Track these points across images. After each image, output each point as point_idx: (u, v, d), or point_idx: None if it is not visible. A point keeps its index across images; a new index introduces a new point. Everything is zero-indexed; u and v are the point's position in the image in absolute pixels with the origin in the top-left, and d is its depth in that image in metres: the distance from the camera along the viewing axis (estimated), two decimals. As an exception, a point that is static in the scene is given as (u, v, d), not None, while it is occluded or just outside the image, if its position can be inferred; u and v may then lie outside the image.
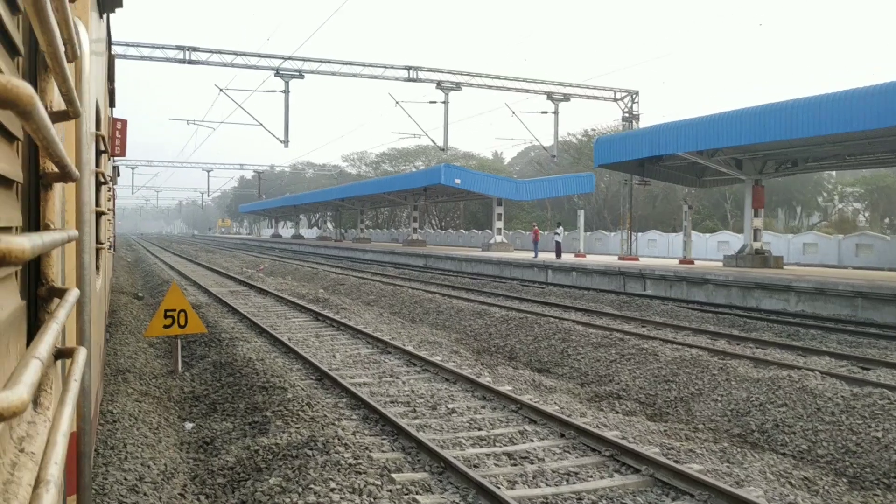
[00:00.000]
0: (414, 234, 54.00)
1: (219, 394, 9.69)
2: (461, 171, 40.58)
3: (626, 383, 11.57)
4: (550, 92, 33.05)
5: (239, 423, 8.10)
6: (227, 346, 12.27)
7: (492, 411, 8.26)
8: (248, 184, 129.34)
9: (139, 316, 17.60)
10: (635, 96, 33.16)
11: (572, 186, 41.96)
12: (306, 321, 16.22)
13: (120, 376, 10.57)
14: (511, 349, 14.92)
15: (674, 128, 24.31)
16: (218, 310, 17.67)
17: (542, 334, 14.96)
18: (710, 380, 10.74)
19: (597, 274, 27.08)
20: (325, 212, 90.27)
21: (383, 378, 9.97)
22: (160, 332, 10.80)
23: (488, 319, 17.15)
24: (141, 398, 9.57)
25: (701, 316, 17.99)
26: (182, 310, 10.84)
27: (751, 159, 25.82)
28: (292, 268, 36.11)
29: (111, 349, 12.49)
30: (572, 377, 12.65)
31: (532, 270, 31.17)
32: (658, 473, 6.05)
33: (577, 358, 13.34)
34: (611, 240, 46.76)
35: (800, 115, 20.05)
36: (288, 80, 29.65)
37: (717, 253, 37.86)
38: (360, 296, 23.84)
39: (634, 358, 12.43)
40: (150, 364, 11.80)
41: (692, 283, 22.74)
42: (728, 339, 14.15)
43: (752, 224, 26.35)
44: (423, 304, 20.15)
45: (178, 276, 29.16)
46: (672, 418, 10.02)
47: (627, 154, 26.20)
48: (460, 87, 31.69)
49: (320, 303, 19.76)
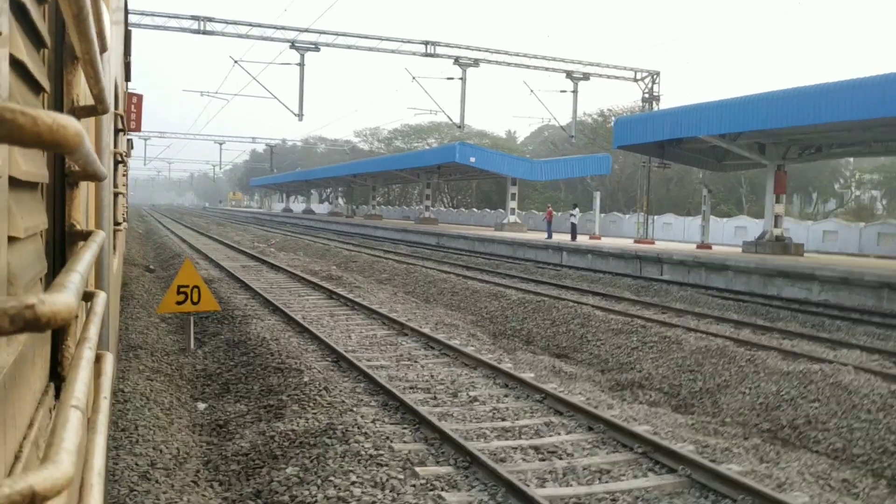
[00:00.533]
0: (426, 211, 53.60)
1: (232, 373, 9.43)
2: (476, 149, 40.10)
3: (649, 372, 11.25)
4: (570, 71, 32.42)
5: (253, 405, 7.83)
6: (241, 324, 12.01)
7: (515, 400, 7.95)
8: (260, 157, 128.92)
9: (150, 289, 17.38)
10: (656, 77, 32.51)
11: (588, 167, 41.45)
12: (320, 299, 15.94)
13: (132, 352, 10.33)
14: (528, 333, 14.61)
15: (697, 110, 23.76)
16: (230, 285, 17.42)
17: (561, 318, 14.64)
18: (738, 371, 10.40)
19: (613, 257, 26.66)
20: (337, 187, 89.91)
21: (401, 361, 9.68)
22: (173, 308, 10.53)
23: (504, 302, 16.83)
24: (153, 375, 9.32)
25: (722, 303, 17.61)
26: (195, 286, 10.56)
27: (774, 144, 25.25)
28: (304, 243, 35.86)
29: (122, 324, 12.26)
30: (592, 364, 12.34)
31: (546, 252, 30.79)
32: (695, 474, 5.73)
33: (596, 344, 13.02)
34: (625, 222, 46.27)
35: (832, 99, 19.48)
36: (303, 52, 29.15)
37: (735, 238, 37.35)
38: (373, 273, 23.55)
39: (657, 346, 12.09)
40: (161, 340, 11.56)
41: (711, 269, 22.32)
42: (752, 328, 13.78)
43: (773, 210, 25.84)
44: (438, 284, 19.84)
45: (189, 250, 28.97)
46: (698, 410, 9.70)
47: (648, 135, 25.67)
48: (478, 64, 31.12)
49: (333, 280, 19.49)
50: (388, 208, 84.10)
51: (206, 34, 27.57)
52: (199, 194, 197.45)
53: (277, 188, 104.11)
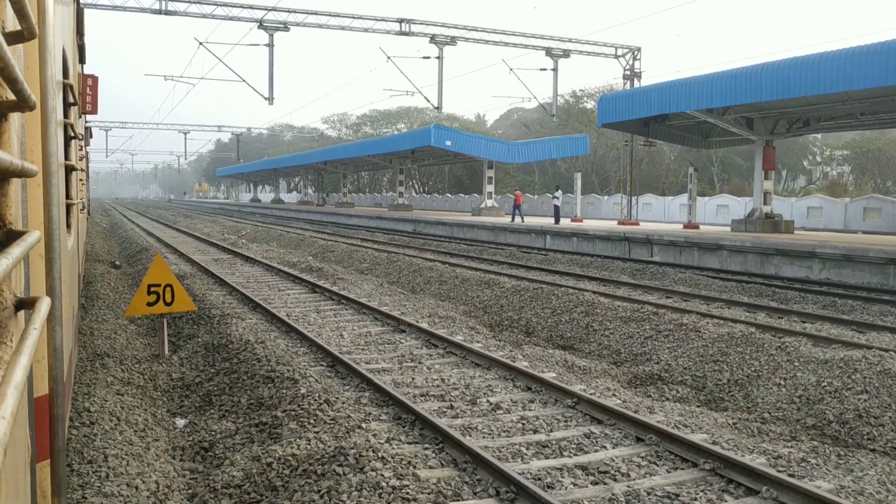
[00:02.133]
0: (400, 198, 52.47)
1: (213, 383, 8.34)
2: (452, 132, 39.01)
3: (668, 363, 10.38)
4: (550, 48, 31.39)
5: (243, 423, 6.77)
6: (219, 325, 10.89)
7: (543, 406, 6.99)
8: (225, 147, 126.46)
9: (117, 287, 16.12)
10: (637, 53, 31.63)
11: (566, 148, 40.59)
12: (302, 293, 14.84)
13: (98, 361, 9.18)
14: (527, 323, 13.68)
15: (685, 84, 22.94)
16: (204, 281, 16.22)
17: (562, 307, 13.72)
18: (768, 361, 9.56)
19: (599, 239, 25.86)
20: (306, 175, 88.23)
21: (404, 363, 8.67)
22: (143, 310, 9.39)
23: (497, 290, 15.88)
24: (122, 388, 8.20)
25: (723, 285, 16.84)
26: (168, 285, 9.43)
27: (762, 118, 24.57)
28: (276, 234, 34.57)
29: (87, 328, 11.07)
30: (602, 355, 11.44)
31: (529, 236, 29.91)
32: (783, 496, 4.81)
33: (604, 333, 12.12)
34: (604, 204, 45.61)
35: (828, 68, 18.75)
36: (272, 32, 27.72)
37: (717, 217, 36.84)
38: (353, 263, 22.47)
39: (673, 334, 11.22)
40: (131, 345, 10.40)
41: (704, 250, 21.59)
42: (767, 311, 12.99)
43: (761, 187, 25.21)
44: (423, 273, 18.83)
45: (157, 243, 27.57)
46: (730, 406, 8.84)
47: (634, 112, 24.82)
48: (455, 42, 29.94)
49: (314, 272, 18.37)
50: (358, 196, 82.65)
51: (168, 14, 26.01)
52: (164, 186, 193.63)
53: (245, 178, 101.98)
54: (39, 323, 1.46)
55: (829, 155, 75.27)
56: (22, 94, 1.46)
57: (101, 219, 51.13)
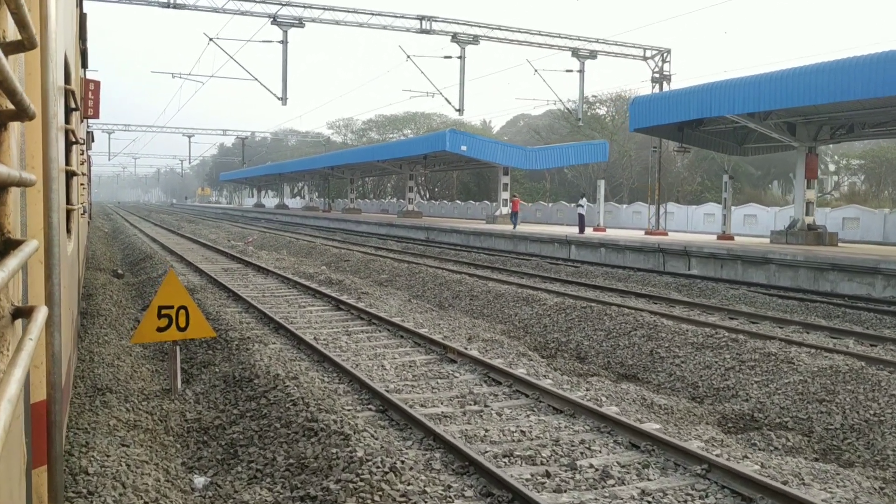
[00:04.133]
0: (410, 204, 51.08)
1: (238, 428, 6.88)
2: (467, 136, 37.60)
3: (760, 401, 8.92)
4: (576, 48, 29.94)
5: (282, 492, 5.30)
6: (239, 351, 9.42)
7: (663, 474, 5.51)
8: (228, 151, 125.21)
9: (120, 301, 14.67)
10: (667, 55, 30.20)
11: (585, 155, 39.21)
12: (325, 310, 13.38)
13: (98, 397, 7.72)
14: (578, 347, 12.23)
15: (726, 86, 21.52)
16: (215, 295, 14.76)
17: (618, 329, 12.26)
18: (891, 402, 8.09)
19: (631, 251, 24.41)
20: (311, 181, 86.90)
21: (467, 406, 7.20)
22: (152, 336, 7.94)
23: (538, 307, 14.43)
24: (127, 434, 6.75)
25: (784, 304, 15.37)
26: (182, 306, 7.98)
27: (805, 123, 23.15)
28: (285, 241, 33.14)
29: (86, 352, 9.61)
30: (676, 388, 9.98)
31: (552, 246, 28.46)
32: None
33: (674, 362, 10.66)
34: (622, 212, 44.19)
35: (883, 70, 17.34)
36: (286, 29, 26.28)
37: (744, 227, 35.38)
38: (370, 274, 21.03)
39: (760, 366, 9.75)
40: (137, 374, 8.95)
41: (749, 263, 20.12)
42: (856, 337, 11.50)
43: (804, 197, 23.76)
44: (451, 287, 17.38)
45: (161, 250, 26.13)
46: (853, 458, 7.38)
47: (669, 116, 23.40)
48: (478, 41, 28.49)
49: (334, 285, 16.92)
50: (363, 202, 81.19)
51: (177, 8, 24.62)
52: (167, 191, 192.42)
53: (249, 183, 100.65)
54: (36, 333, 1.44)
55: (845, 164, 73.98)
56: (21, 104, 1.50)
57: (103, 223, 49.72)
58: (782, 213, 34.93)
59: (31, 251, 1.57)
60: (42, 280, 2.67)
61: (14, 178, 1.51)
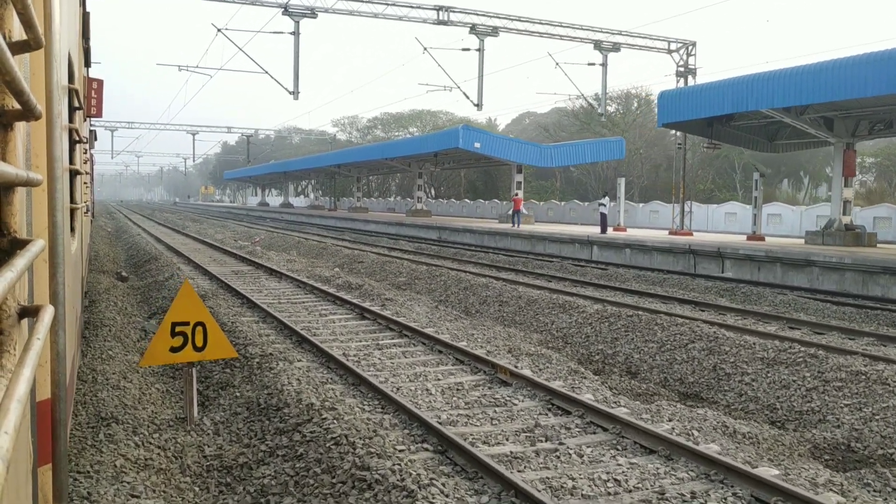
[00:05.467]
0: (418, 203, 49.98)
1: (269, 470, 5.79)
2: (481, 133, 36.49)
3: (855, 428, 7.81)
4: (599, 41, 28.78)
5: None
6: (261, 370, 8.33)
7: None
8: (232, 150, 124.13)
9: (125, 308, 13.60)
10: (692, 48, 29.05)
11: (602, 152, 38.08)
12: (349, 319, 12.29)
13: (102, 429, 6.64)
14: (627, 360, 11.14)
15: (762, 79, 20.38)
16: (228, 301, 13.66)
17: (672, 341, 11.16)
18: None
19: (658, 252, 23.29)
20: (317, 179, 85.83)
21: (537, 443, 6.10)
22: (165, 357, 6.85)
23: (577, 315, 13.33)
24: (137, 477, 5.68)
25: (841, 311, 14.25)
26: (199, 323, 6.89)
27: (843, 118, 22.02)
28: (294, 241, 32.05)
29: (88, 370, 8.52)
30: (749, 410, 8.89)
31: (572, 246, 27.35)
32: None
33: (743, 380, 9.56)
34: (639, 211, 43.06)
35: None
36: (298, 19, 25.18)
37: (767, 227, 34.18)
38: (387, 277, 19.94)
39: (848, 387, 8.65)
40: (146, 397, 7.86)
41: (790, 266, 18.99)
42: (941, 351, 10.38)
43: (841, 195, 22.63)
44: (476, 291, 16.30)
45: (166, 251, 25.05)
46: None
47: (701, 110, 22.26)
48: (497, 33, 27.34)
49: (353, 290, 15.83)
50: (368, 200, 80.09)
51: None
52: (169, 189, 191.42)
53: (253, 181, 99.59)
54: (43, 333, 1.46)
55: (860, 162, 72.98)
56: (28, 104, 1.50)
57: (106, 222, 48.68)
58: (808, 213, 33.78)
59: (37, 251, 1.59)
60: (47, 279, 2.68)
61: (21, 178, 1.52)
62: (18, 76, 1.30)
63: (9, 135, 1.65)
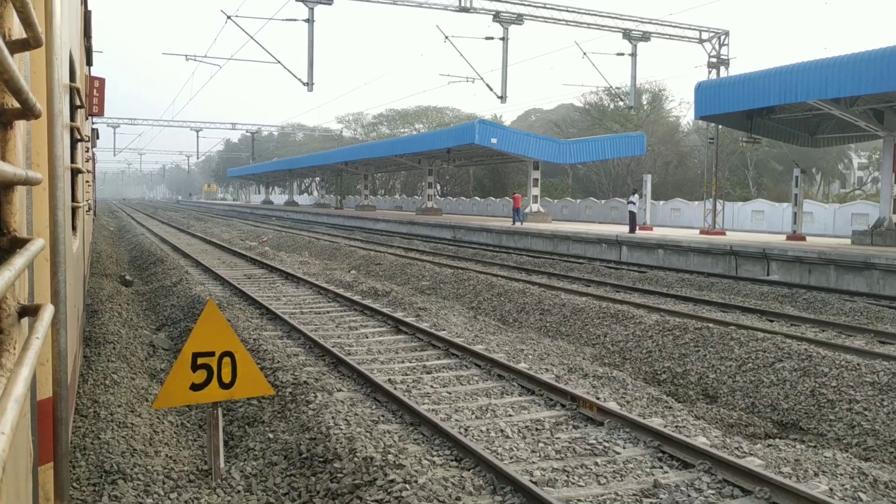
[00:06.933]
0: (429, 201, 48.64)
1: (323, 553, 4.42)
2: (498, 128, 35.15)
3: None
4: (628, 29, 27.40)
5: None
6: (297, 403, 6.96)
7: None
8: (235, 147, 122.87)
9: (130, 319, 12.24)
10: (724, 38, 27.65)
11: (622, 148, 36.70)
12: (384, 333, 10.92)
13: (106, 489, 5.27)
14: (701, 381, 9.77)
15: (810, 68, 18.98)
16: (245, 312, 12.29)
17: (755, 359, 9.79)
18: None
19: (695, 252, 21.90)
20: (322, 177, 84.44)
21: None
22: (184, 397, 5.49)
23: (634, 327, 11.96)
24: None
25: (922, 320, 12.87)
26: (226, 352, 5.54)
27: (894, 110, 20.62)
28: (304, 241, 30.70)
29: (89, 402, 7.16)
30: (867, 446, 7.53)
31: (599, 247, 25.97)
32: None
33: (851, 408, 8.19)
34: (659, 209, 41.60)
35: None
36: (312, 6, 23.81)
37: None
38: (409, 280, 18.60)
39: None
40: (158, 438, 6.51)
41: (845, 268, 17.61)
42: None
43: (891, 192, 21.23)
44: (512, 298, 14.95)
45: (172, 252, 23.71)
46: None
47: (742, 102, 20.88)
48: (522, 20, 25.94)
49: (380, 297, 14.46)
50: (375, 198, 78.71)
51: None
52: (172, 187, 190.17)
53: (257, 179, 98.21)
54: (42, 332, 1.44)
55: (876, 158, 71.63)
56: (27, 102, 1.48)
57: (109, 221, 47.36)
58: (842, 211, 32.38)
59: (37, 250, 1.57)
60: (48, 277, 2.68)
61: (20, 177, 1.50)
62: (17, 74, 1.30)
63: (8, 133, 1.64)
